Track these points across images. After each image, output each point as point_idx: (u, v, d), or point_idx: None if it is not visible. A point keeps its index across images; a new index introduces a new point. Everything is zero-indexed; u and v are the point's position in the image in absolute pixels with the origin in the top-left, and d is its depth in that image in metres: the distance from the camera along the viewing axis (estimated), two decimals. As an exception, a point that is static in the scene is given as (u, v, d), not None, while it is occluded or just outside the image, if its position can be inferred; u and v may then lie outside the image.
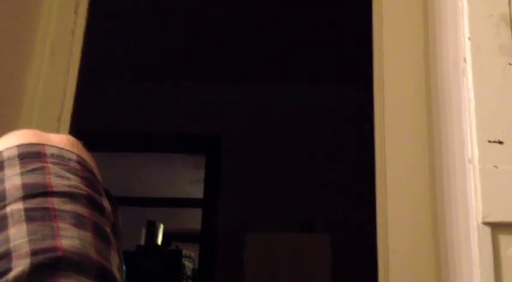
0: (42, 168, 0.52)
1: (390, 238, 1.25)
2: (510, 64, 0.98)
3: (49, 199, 0.49)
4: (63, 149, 0.55)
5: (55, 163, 0.53)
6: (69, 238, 0.47)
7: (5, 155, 0.53)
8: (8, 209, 0.48)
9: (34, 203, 0.48)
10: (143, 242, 4.08)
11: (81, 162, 0.55)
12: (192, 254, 3.96)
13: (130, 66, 3.19)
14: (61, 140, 0.56)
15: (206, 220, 3.41)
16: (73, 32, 1.45)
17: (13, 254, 0.45)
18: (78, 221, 0.49)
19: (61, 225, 0.47)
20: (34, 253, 0.45)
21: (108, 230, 0.52)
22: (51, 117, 1.38)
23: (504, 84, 0.97)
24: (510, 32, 1.00)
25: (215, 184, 3.38)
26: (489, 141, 0.95)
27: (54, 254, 0.45)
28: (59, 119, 1.38)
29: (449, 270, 1.13)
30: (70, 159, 0.54)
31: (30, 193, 0.49)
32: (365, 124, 1.50)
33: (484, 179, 0.93)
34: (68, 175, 0.52)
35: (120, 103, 3.40)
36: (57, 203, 0.49)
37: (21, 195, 0.49)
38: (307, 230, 3.04)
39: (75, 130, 1.36)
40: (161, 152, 4.15)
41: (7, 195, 0.49)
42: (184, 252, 3.74)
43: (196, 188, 4.17)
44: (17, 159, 0.52)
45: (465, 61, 1.00)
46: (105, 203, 0.54)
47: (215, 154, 3.43)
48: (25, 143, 0.54)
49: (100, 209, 0.52)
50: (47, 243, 0.46)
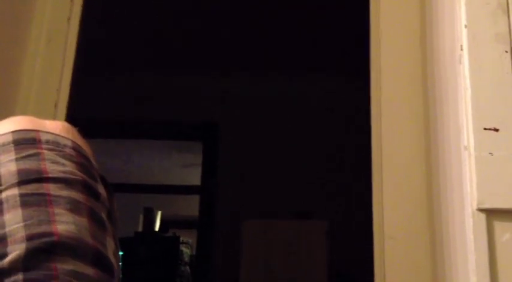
0: (37, 154, 0.52)
1: (386, 225, 1.26)
2: (506, 52, 0.98)
3: (44, 185, 0.49)
4: (58, 135, 0.55)
5: (50, 149, 0.53)
6: (64, 223, 0.47)
7: (0, 141, 0.53)
8: (3, 195, 0.48)
9: (29, 189, 0.49)
10: (141, 229, 4.09)
11: (76, 148, 0.55)
12: (190, 241, 3.97)
13: (127, 53, 3.18)
14: (56, 127, 0.56)
15: (203, 207, 3.42)
16: (69, 20, 1.45)
17: (9, 239, 0.45)
18: (73, 207, 0.49)
19: (56, 210, 0.48)
20: (30, 238, 0.45)
21: (103, 216, 0.52)
22: (47, 104, 1.37)
23: (500, 72, 0.97)
24: (507, 20, 1.00)
25: (212, 171, 3.39)
26: (485, 128, 0.95)
27: (49, 239, 0.45)
28: (56, 106, 1.37)
29: (444, 256, 1.14)
30: (65, 145, 0.54)
31: (25, 179, 0.49)
32: (362, 111, 1.50)
33: (480, 166, 0.94)
34: (63, 161, 0.52)
35: (117, 90, 3.39)
36: (52, 189, 0.49)
37: (16, 180, 0.49)
38: (303, 217, 3.05)
39: (71, 117, 1.36)
40: (158, 139, 4.15)
41: (2, 181, 0.49)
42: (181, 238, 3.75)
43: (193, 175, 4.17)
44: (12, 145, 0.52)
45: (462, 49, 1.00)
46: (100, 189, 0.54)
47: (212, 141, 3.43)
48: (20, 129, 0.54)
49: (95, 195, 0.53)
50: (43, 228, 0.46)
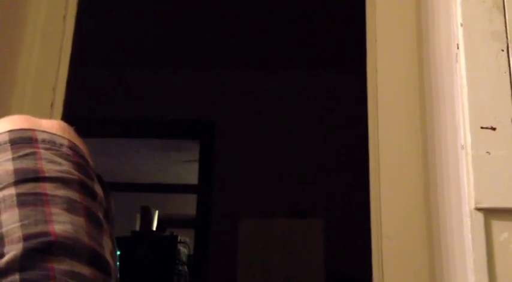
0: (33, 153, 0.52)
1: (383, 224, 1.26)
2: (503, 50, 0.98)
3: (41, 184, 0.49)
4: (54, 135, 0.55)
5: (47, 148, 0.53)
6: (61, 223, 0.47)
7: None
8: (0, 194, 0.48)
9: (26, 188, 0.48)
10: (138, 228, 4.09)
11: (72, 147, 0.55)
12: (187, 240, 3.97)
13: (123, 51, 3.17)
14: (52, 126, 0.56)
15: (201, 206, 3.42)
16: (64, 17, 1.44)
17: (5, 239, 0.45)
18: (70, 206, 0.49)
19: (53, 210, 0.48)
20: (26, 238, 0.45)
21: (100, 215, 0.52)
22: (43, 103, 1.37)
23: (497, 70, 0.97)
24: (503, 18, 1.00)
25: (209, 170, 3.38)
26: (482, 127, 0.95)
27: (46, 239, 0.45)
28: (52, 105, 1.37)
29: (442, 255, 1.14)
30: (62, 144, 0.54)
31: (22, 178, 0.49)
32: (359, 111, 1.50)
33: (477, 165, 0.94)
34: (60, 160, 0.52)
35: (113, 89, 3.38)
36: (49, 188, 0.49)
37: (12, 180, 0.49)
38: (300, 216, 3.05)
39: (67, 116, 1.35)
40: (155, 138, 4.15)
41: None
42: (179, 237, 3.75)
43: (190, 174, 4.17)
44: (9, 144, 0.52)
45: (458, 47, 1.00)
46: (97, 189, 0.54)
47: (209, 140, 3.43)
48: (16, 129, 0.53)
49: (92, 195, 0.52)
50: (39, 228, 0.46)
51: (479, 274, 0.90)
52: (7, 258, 0.44)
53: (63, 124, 0.57)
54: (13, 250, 0.44)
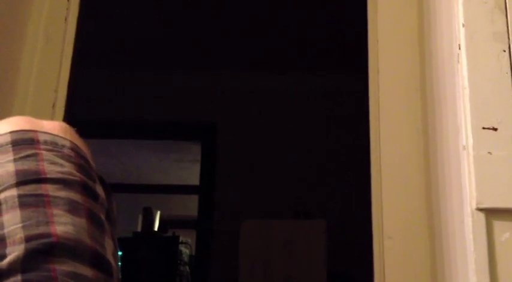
0: (35, 154, 0.52)
1: (385, 224, 1.26)
2: (504, 51, 0.98)
3: (43, 185, 0.49)
4: (56, 136, 0.55)
5: (48, 150, 0.53)
6: (63, 224, 0.47)
7: None
8: (2, 196, 0.48)
9: (27, 190, 0.48)
10: (140, 229, 4.09)
11: (74, 148, 0.55)
12: (189, 240, 3.97)
13: (125, 52, 3.17)
14: (54, 127, 0.56)
15: (202, 207, 3.42)
16: (66, 19, 1.44)
17: (7, 240, 0.45)
18: (72, 208, 0.49)
19: (55, 211, 0.48)
20: (28, 239, 0.45)
21: (102, 217, 0.52)
22: (45, 104, 1.37)
23: (498, 70, 0.97)
24: (504, 19, 1.00)
25: (211, 171, 3.39)
26: (483, 127, 0.95)
27: (48, 240, 0.45)
28: (53, 106, 1.37)
29: (443, 256, 1.14)
30: (63, 145, 0.54)
31: (23, 179, 0.49)
32: (360, 112, 1.50)
33: (478, 166, 0.94)
34: (62, 162, 0.52)
35: (115, 90, 3.39)
36: (50, 190, 0.49)
37: (14, 181, 0.49)
38: (302, 217, 3.05)
39: (69, 117, 1.35)
40: (157, 139, 4.15)
41: (0, 181, 0.49)
42: (181, 238, 3.75)
43: (192, 175, 4.17)
44: (10, 145, 0.52)
45: (459, 48, 1.00)
46: (99, 190, 0.54)
47: (211, 141, 3.43)
48: (18, 130, 0.53)
49: (94, 196, 0.52)
50: (41, 229, 0.46)
51: (480, 274, 0.90)
52: (9, 259, 0.44)
53: (64, 125, 0.57)
54: (15, 251, 0.44)
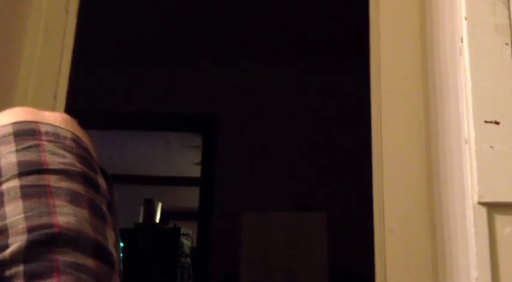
0: (37, 145, 0.52)
1: (386, 217, 1.26)
2: (507, 44, 0.98)
3: (44, 176, 0.49)
4: (58, 127, 0.55)
5: (50, 141, 0.53)
6: (65, 215, 0.47)
7: (0, 133, 0.53)
8: (4, 186, 0.48)
9: (29, 180, 0.49)
10: (141, 220, 4.10)
11: (76, 140, 0.55)
12: (190, 232, 3.98)
13: (127, 44, 3.17)
14: (56, 118, 0.56)
15: (204, 199, 3.43)
16: (67, 10, 1.44)
17: (10, 231, 0.45)
18: (73, 198, 0.49)
19: (57, 202, 0.48)
20: (30, 230, 0.45)
21: (103, 208, 0.52)
22: (46, 95, 1.37)
23: (501, 64, 0.97)
24: (507, 11, 0.99)
25: (212, 163, 3.39)
26: (485, 121, 0.95)
27: (50, 231, 0.45)
28: (55, 97, 1.37)
29: (445, 249, 1.14)
30: (65, 137, 0.54)
31: (25, 170, 0.49)
32: (363, 105, 1.50)
33: (480, 159, 0.94)
34: (63, 153, 0.52)
35: (117, 81, 3.38)
36: (52, 180, 0.49)
37: (16, 172, 0.49)
38: (303, 209, 3.05)
39: (70, 108, 1.35)
40: (159, 131, 4.15)
41: (2, 172, 0.49)
42: (182, 230, 3.75)
43: (193, 167, 4.18)
44: (12, 136, 0.52)
45: (462, 41, 1.00)
46: (100, 181, 0.54)
47: (212, 133, 3.43)
48: (20, 121, 0.54)
49: (95, 187, 0.53)
50: (43, 220, 0.46)
51: (482, 268, 0.90)
52: (11, 249, 0.44)
53: (66, 116, 0.57)
54: (17, 242, 0.44)
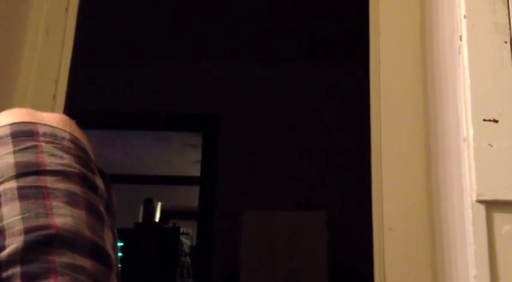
0: (34, 146, 0.52)
1: (385, 216, 1.26)
2: (506, 42, 0.98)
3: (42, 177, 0.49)
4: (56, 128, 0.55)
5: (48, 142, 0.53)
6: (62, 216, 0.47)
7: None
8: (1, 187, 0.48)
9: (27, 182, 0.49)
10: (141, 220, 4.10)
11: (74, 141, 0.55)
12: (190, 231, 3.98)
13: (128, 43, 3.17)
14: (54, 119, 0.56)
15: (204, 198, 3.43)
16: (67, 10, 1.44)
17: (6, 232, 0.45)
18: (71, 199, 0.49)
19: (54, 203, 0.48)
20: (27, 231, 0.45)
21: (101, 208, 0.52)
22: (45, 96, 1.37)
23: (500, 62, 0.97)
24: (506, 10, 0.99)
25: (212, 162, 3.39)
26: (484, 119, 0.95)
27: (47, 232, 0.45)
28: (54, 98, 1.37)
29: (443, 247, 1.14)
30: (63, 138, 0.54)
31: (23, 171, 0.49)
32: (362, 103, 1.50)
33: (479, 158, 0.94)
34: (61, 154, 0.52)
35: (116, 81, 3.38)
36: (50, 182, 0.49)
37: (14, 173, 0.49)
38: (303, 208, 3.05)
39: (69, 109, 1.35)
40: (159, 130, 4.15)
41: (0, 173, 0.49)
42: (182, 229, 3.76)
43: (193, 166, 4.18)
44: (10, 137, 0.52)
45: (461, 39, 1.00)
46: (98, 182, 0.54)
47: (213, 132, 3.43)
48: (18, 122, 0.54)
49: (93, 188, 0.52)
50: (41, 221, 0.46)
51: (480, 266, 0.90)
52: (8, 250, 0.44)
53: (64, 117, 0.57)
54: (14, 243, 0.44)
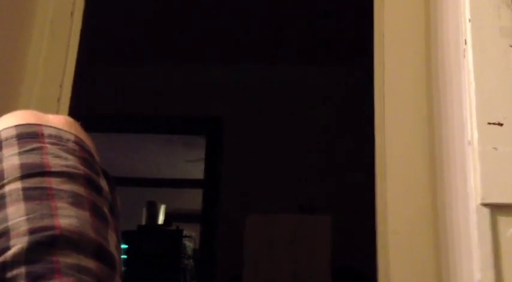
0: (39, 148, 0.52)
1: (390, 220, 1.26)
2: (511, 46, 0.98)
3: (47, 179, 0.49)
4: (61, 130, 0.55)
5: (53, 143, 0.53)
6: (67, 217, 0.47)
7: (3, 135, 0.53)
8: (7, 189, 0.48)
9: (32, 183, 0.49)
10: (144, 222, 4.11)
11: (78, 142, 0.55)
12: (193, 234, 3.98)
13: (131, 47, 3.17)
14: (59, 121, 0.56)
15: (207, 201, 3.43)
16: (72, 13, 1.45)
17: (11, 233, 0.45)
18: (75, 201, 0.49)
19: (59, 204, 0.48)
20: (32, 232, 0.45)
21: (105, 210, 0.52)
22: (50, 98, 1.38)
23: (505, 66, 0.97)
24: (511, 14, 0.99)
25: (215, 165, 3.39)
26: (489, 123, 0.95)
27: (52, 233, 0.46)
28: (58, 101, 1.38)
29: (448, 251, 1.14)
30: (68, 139, 0.54)
31: (28, 173, 0.49)
32: (366, 106, 1.50)
33: (484, 161, 0.93)
34: (66, 155, 0.52)
35: (121, 84, 3.39)
36: (54, 183, 0.49)
37: (19, 174, 0.49)
38: (307, 212, 3.05)
39: (74, 111, 1.36)
40: (162, 134, 4.16)
41: (5, 174, 0.49)
42: (185, 232, 3.76)
43: (196, 169, 4.18)
44: (15, 139, 0.52)
45: (466, 43, 1.00)
46: (102, 183, 0.54)
47: (216, 135, 3.43)
48: (23, 124, 0.54)
49: (98, 189, 0.53)
50: (45, 222, 0.46)
51: (485, 270, 0.90)
52: (13, 251, 0.44)
53: (69, 119, 0.58)
54: (19, 243, 0.44)
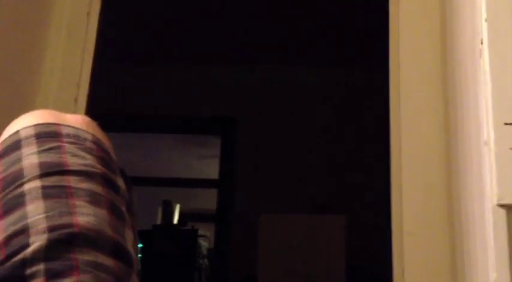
0: (58, 147, 0.53)
1: (405, 220, 1.25)
2: (528, 46, 0.97)
3: (65, 177, 0.50)
4: (79, 129, 0.56)
5: (71, 142, 0.54)
6: (85, 215, 0.48)
7: (23, 134, 0.54)
8: (26, 187, 0.49)
9: (51, 181, 0.50)
10: (159, 222, 4.12)
11: (96, 142, 0.56)
12: (208, 234, 3.99)
13: (147, 47, 3.19)
14: (77, 120, 0.57)
15: (221, 201, 3.44)
16: (88, 14, 1.46)
17: (31, 230, 0.46)
18: (93, 199, 0.50)
19: (77, 202, 0.49)
20: (51, 229, 0.46)
21: (122, 208, 0.53)
22: (67, 98, 1.39)
23: (521, 66, 0.96)
24: (528, 13, 0.98)
25: (230, 165, 3.40)
26: (505, 123, 0.94)
27: (70, 230, 0.46)
28: (76, 101, 1.39)
29: (464, 252, 1.13)
30: (86, 139, 0.55)
31: (47, 171, 0.50)
32: (382, 107, 1.50)
33: (500, 161, 0.93)
34: (84, 154, 0.53)
35: (136, 84, 3.41)
36: (73, 181, 0.50)
37: (38, 173, 0.50)
38: (321, 212, 3.05)
39: (91, 111, 1.37)
40: (178, 133, 4.17)
41: (25, 173, 0.50)
42: (199, 231, 3.77)
43: (211, 169, 4.19)
44: (34, 138, 0.53)
45: (482, 43, 0.99)
46: (119, 182, 0.55)
47: (231, 136, 3.44)
48: (42, 123, 0.55)
49: (115, 188, 0.53)
50: (64, 219, 0.47)
51: (500, 270, 0.89)
52: (32, 248, 0.45)
53: (87, 119, 0.59)
54: (38, 241, 0.45)
